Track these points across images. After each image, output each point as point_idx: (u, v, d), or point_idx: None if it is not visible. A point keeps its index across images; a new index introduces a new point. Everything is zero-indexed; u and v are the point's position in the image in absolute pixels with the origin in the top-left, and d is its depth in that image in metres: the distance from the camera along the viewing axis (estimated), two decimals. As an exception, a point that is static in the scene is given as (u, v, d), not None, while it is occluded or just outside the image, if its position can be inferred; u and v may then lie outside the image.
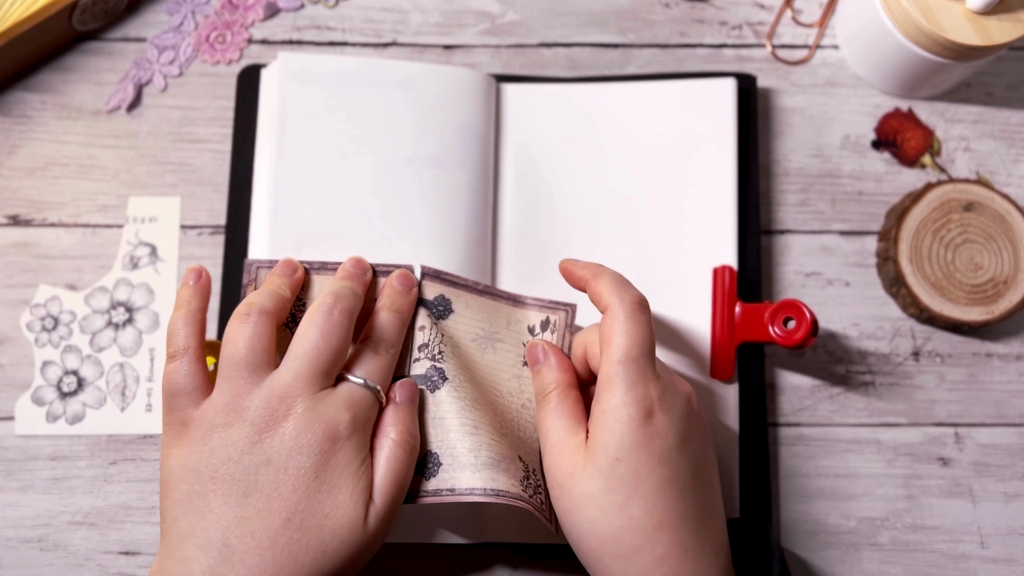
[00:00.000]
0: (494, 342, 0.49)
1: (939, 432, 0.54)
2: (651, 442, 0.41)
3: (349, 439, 0.42)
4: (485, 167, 0.54)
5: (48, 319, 0.54)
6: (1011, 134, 0.58)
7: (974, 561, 0.52)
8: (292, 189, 0.51)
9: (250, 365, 0.42)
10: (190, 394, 0.42)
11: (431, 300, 0.48)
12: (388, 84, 0.53)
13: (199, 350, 0.43)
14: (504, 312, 0.49)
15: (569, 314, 0.48)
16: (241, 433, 0.41)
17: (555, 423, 0.44)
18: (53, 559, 0.51)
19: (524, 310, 0.49)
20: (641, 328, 0.42)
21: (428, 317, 0.48)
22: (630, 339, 0.42)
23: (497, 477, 0.44)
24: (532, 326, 0.49)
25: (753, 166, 0.55)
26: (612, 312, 0.43)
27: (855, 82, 0.59)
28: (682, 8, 0.60)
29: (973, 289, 0.53)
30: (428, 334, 0.48)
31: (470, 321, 0.49)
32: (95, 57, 0.58)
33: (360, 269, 0.47)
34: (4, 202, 0.55)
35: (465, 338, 0.48)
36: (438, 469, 0.46)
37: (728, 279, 0.52)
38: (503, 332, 0.49)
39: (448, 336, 0.48)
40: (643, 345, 0.42)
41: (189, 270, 0.45)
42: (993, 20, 0.51)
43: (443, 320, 0.48)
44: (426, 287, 0.48)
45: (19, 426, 0.53)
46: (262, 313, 0.43)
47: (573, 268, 0.47)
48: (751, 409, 0.52)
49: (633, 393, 0.41)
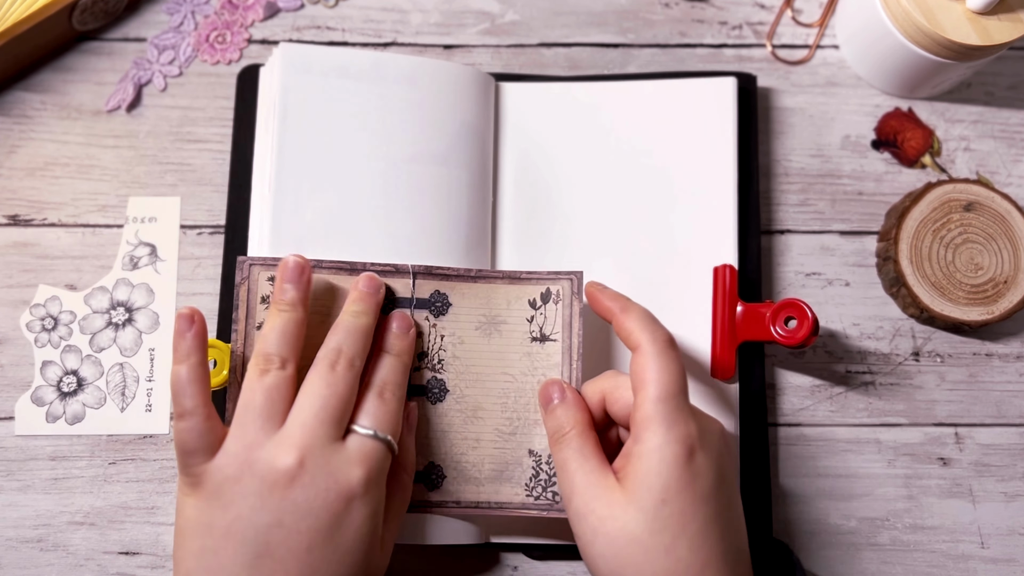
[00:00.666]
0: (498, 325, 0.48)
1: (939, 432, 0.54)
2: (695, 481, 0.41)
3: (364, 496, 0.41)
4: (485, 166, 0.54)
5: (48, 319, 0.54)
6: (1011, 134, 0.58)
7: (974, 561, 0.52)
8: (293, 183, 0.51)
9: (265, 415, 0.42)
10: (203, 451, 0.42)
11: (427, 298, 0.48)
12: (390, 79, 0.53)
13: (208, 406, 0.42)
14: (502, 292, 0.49)
15: (575, 282, 0.48)
16: (251, 488, 0.40)
17: (581, 465, 0.43)
18: (53, 559, 0.51)
19: (522, 285, 0.49)
20: (675, 365, 0.42)
21: (426, 320, 0.48)
22: (667, 376, 0.42)
23: (500, 490, 0.46)
24: (533, 299, 0.48)
25: (753, 166, 0.55)
26: (644, 350, 0.43)
27: (855, 82, 0.59)
28: (682, 8, 0.60)
29: (973, 289, 0.53)
30: (427, 341, 0.48)
31: (470, 310, 0.48)
32: (95, 57, 0.58)
33: (372, 288, 0.46)
34: (4, 202, 0.55)
35: (468, 328, 0.48)
36: (442, 481, 0.47)
37: (729, 278, 0.52)
38: (504, 313, 0.48)
39: (450, 334, 0.48)
40: (679, 383, 0.42)
41: (179, 316, 0.44)
42: (993, 20, 0.51)
43: (443, 316, 0.48)
44: (420, 286, 0.48)
45: (19, 426, 0.53)
46: (281, 367, 0.43)
47: (601, 297, 0.46)
48: (751, 409, 0.52)
49: (675, 432, 0.41)
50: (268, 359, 0.43)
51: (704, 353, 0.52)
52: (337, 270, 0.48)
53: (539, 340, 0.48)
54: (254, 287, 0.47)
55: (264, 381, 0.42)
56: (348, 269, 0.48)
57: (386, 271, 0.48)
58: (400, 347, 0.46)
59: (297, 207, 0.50)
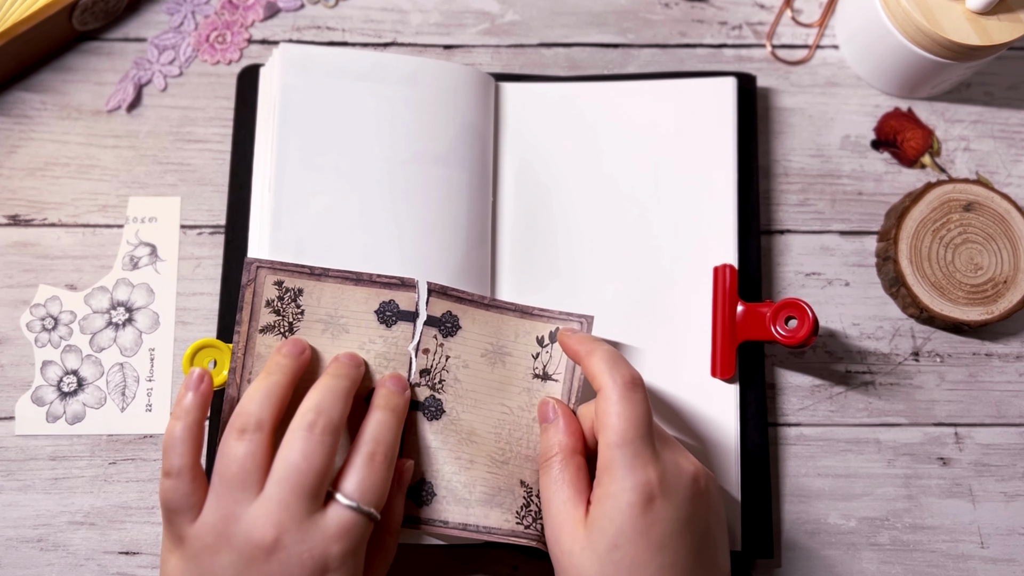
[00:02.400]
0: (503, 356, 0.48)
1: (939, 432, 0.54)
2: (651, 529, 0.41)
3: (340, 569, 0.41)
4: (485, 166, 0.54)
5: (48, 319, 0.54)
6: (1011, 134, 0.58)
7: (974, 561, 0.53)
8: (293, 183, 0.51)
9: (241, 485, 0.41)
10: (187, 512, 0.41)
11: (439, 317, 0.48)
12: (390, 79, 0.53)
13: (196, 467, 0.42)
14: (512, 325, 0.49)
15: (584, 325, 0.48)
16: (229, 560, 0.40)
17: (556, 493, 0.43)
18: (53, 559, 0.51)
19: (532, 321, 0.48)
20: (635, 408, 0.42)
21: (434, 339, 0.48)
22: (624, 421, 0.41)
23: (490, 514, 0.46)
24: (541, 336, 0.48)
25: (753, 166, 0.55)
26: (605, 393, 0.42)
27: (855, 82, 0.59)
28: (682, 8, 0.60)
29: (973, 289, 0.53)
30: (431, 358, 0.48)
31: (479, 336, 0.48)
32: (95, 57, 0.58)
33: (355, 363, 0.46)
34: (4, 202, 0.55)
35: (474, 354, 0.48)
36: (432, 499, 0.47)
37: (729, 278, 0.52)
38: (511, 345, 0.48)
39: (455, 356, 0.48)
40: (639, 426, 0.42)
41: (191, 374, 0.44)
42: (993, 20, 0.51)
43: (451, 337, 0.48)
44: (433, 304, 0.48)
45: (19, 426, 0.53)
46: (258, 430, 0.42)
47: (568, 341, 0.47)
48: (751, 409, 0.52)
49: (632, 478, 0.41)
50: (246, 421, 0.42)
51: (704, 353, 0.52)
52: (343, 279, 0.48)
53: (541, 378, 0.48)
54: (260, 290, 0.47)
55: (239, 448, 0.41)
56: (354, 279, 0.48)
57: (392, 283, 0.48)
58: (395, 403, 0.45)
59: (297, 207, 0.50)
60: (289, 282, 0.48)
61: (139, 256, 0.55)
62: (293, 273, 0.48)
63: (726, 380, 0.52)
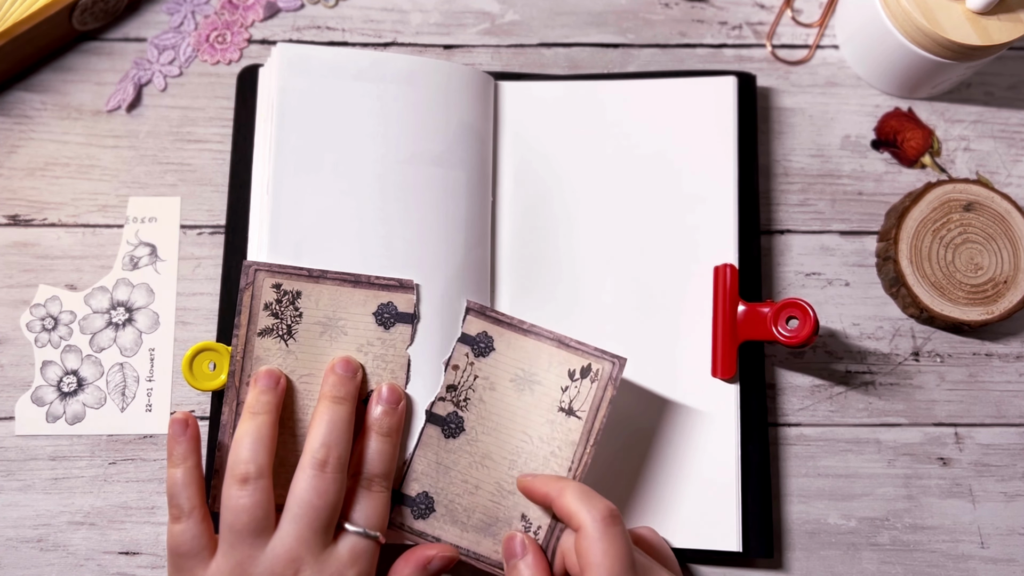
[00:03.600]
0: (532, 384, 0.48)
1: (939, 432, 0.54)
2: None
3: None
4: (484, 166, 0.54)
5: (48, 319, 0.54)
6: (1011, 134, 0.58)
7: (974, 561, 0.52)
8: (292, 183, 0.51)
9: (253, 532, 0.42)
10: (197, 555, 0.43)
11: (473, 336, 0.48)
12: (389, 79, 0.52)
13: (203, 508, 0.44)
14: (546, 353, 0.48)
15: (616, 367, 0.47)
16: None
17: None
18: (53, 559, 0.51)
19: (567, 353, 0.48)
20: (618, 545, 0.42)
21: (465, 356, 0.48)
22: (610, 559, 0.41)
23: (482, 542, 0.47)
24: (573, 370, 0.47)
25: (753, 166, 0.55)
26: (586, 532, 0.42)
27: (855, 82, 0.59)
28: (682, 8, 0.60)
29: (973, 289, 0.53)
30: (460, 375, 0.48)
31: (511, 360, 0.48)
32: (95, 57, 0.58)
33: (350, 372, 0.47)
34: (4, 202, 0.55)
35: (504, 378, 0.48)
36: (430, 514, 0.47)
37: (730, 277, 0.52)
38: (542, 374, 0.48)
39: (484, 376, 0.48)
40: (623, 562, 0.42)
41: (174, 421, 0.45)
42: (993, 20, 0.51)
43: (483, 358, 0.48)
44: (470, 322, 0.48)
45: (19, 426, 0.53)
46: (259, 477, 0.43)
47: (533, 486, 0.46)
48: (751, 409, 0.52)
49: None
50: (246, 471, 0.43)
51: (704, 353, 0.52)
52: (341, 282, 0.48)
53: (566, 412, 0.47)
54: (258, 293, 0.47)
55: (244, 499, 0.43)
56: (352, 281, 0.48)
57: (390, 285, 0.48)
58: (389, 425, 0.46)
59: (296, 207, 0.50)
60: (287, 285, 0.48)
61: (139, 256, 0.55)
62: (291, 276, 0.48)
63: (726, 380, 0.52)
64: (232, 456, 0.44)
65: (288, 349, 0.47)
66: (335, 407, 0.45)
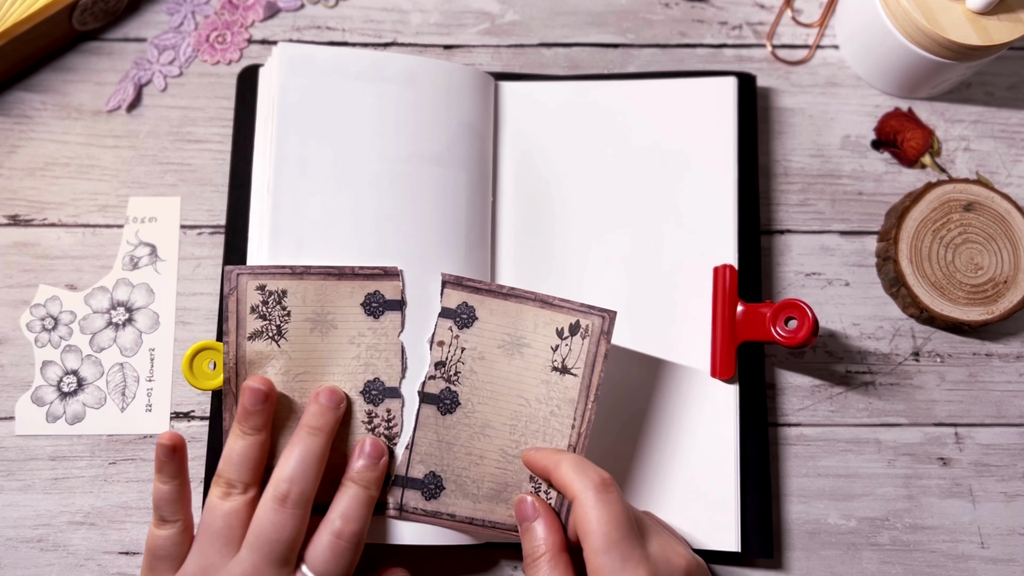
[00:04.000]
0: (521, 347, 0.47)
1: (939, 432, 0.54)
2: None
3: None
4: (485, 166, 0.54)
5: (48, 319, 0.54)
6: (1011, 134, 0.58)
7: (974, 561, 0.52)
8: (292, 183, 0.51)
9: (223, 539, 0.43)
10: (171, 560, 0.44)
11: (454, 308, 0.48)
12: (390, 78, 0.52)
13: (189, 520, 0.45)
14: (531, 315, 0.47)
15: (606, 320, 0.47)
16: None
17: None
18: (53, 559, 0.51)
19: (552, 312, 0.47)
20: (612, 509, 0.42)
21: (449, 331, 0.48)
22: (605, 525, 0.41)
23: (495, 509, 0.47)
24: (561, 329, 0.47)
25: (753, 166, 0.55)
26: (580, 501, 0.42)
27: (855, 82, 0.59)
28: (682, 8, 0.60)
29: (973, 289, 0.53)
30: (447, 350, 0.48)
31: (495, 327, 0.48)
32: (95, 57, 0.58)
33: (334, 403, 0.47)
34: (4, 202, 0.55)
35: (491, 345, 0.48)
36: (440, 492, 0.47)
37: (729, 278, 0.52)
38: (530, 336, 0.47)
39: (471, 348, 0.48)
40: (620, 527, 0.42)
41: (160, 445, 0.45)
42: (993, 20, 0.51)
43: (467, 329, 0.48)
44: (448, 295, 0.48)
45: (19, 426, 0.53)
46: (242, 491, 0.44)
47: (534, 458, 0.46)
48: (751, 409, 0.52)
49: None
50: (230, 484, 0.44)
51: (704, 353, 0.52)
52: (325, 276, 0.48)
53: (560, 371, 0.47)
54: (243, 297, 0.47)
55: (224, 506, 0.44)
56: (336, 274, 0.48)
57: (375, 274, 0.48)
58: (368, 479, 0.46)
59: (296, 207, 0.50)
60: (272, 285, 0.47)
61: (139, 256, 0.55)
62: (274, 275, 0.47)
63: (726, 380, 0.52)
64: (218, 469, 0.45)
65: (281, 349, 0.47)
66: (309, 439, 0.45)
